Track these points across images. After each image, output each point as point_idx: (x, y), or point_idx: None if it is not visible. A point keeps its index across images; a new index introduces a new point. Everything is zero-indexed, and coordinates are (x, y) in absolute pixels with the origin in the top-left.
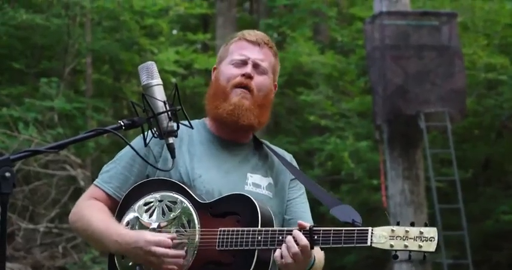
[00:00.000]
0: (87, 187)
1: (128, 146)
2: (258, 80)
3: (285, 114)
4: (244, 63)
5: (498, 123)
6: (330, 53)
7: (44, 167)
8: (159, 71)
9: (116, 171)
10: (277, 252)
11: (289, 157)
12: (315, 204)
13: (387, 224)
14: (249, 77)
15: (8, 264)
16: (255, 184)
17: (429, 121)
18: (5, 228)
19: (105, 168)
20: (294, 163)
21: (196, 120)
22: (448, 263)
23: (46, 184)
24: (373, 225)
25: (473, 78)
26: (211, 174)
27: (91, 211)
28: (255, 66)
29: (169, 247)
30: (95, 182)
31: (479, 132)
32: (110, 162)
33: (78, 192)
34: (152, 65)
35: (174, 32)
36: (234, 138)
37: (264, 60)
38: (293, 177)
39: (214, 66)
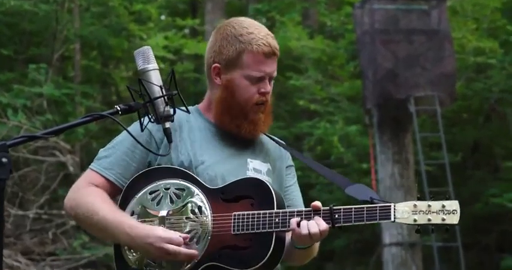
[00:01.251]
0: (77, 173)
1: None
2: (270, 90)
3: (274, 99)
4: (261, 79)
5: (487, 106)
6: (319, 38)
7: (34, 153)
8: None
9: (116, 157)
10: (294, 222)
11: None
12: (306, 189)
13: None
14: (267, 93)
15: None
16: (256, 169)
17: (419, 105)
18: (2, 214)
19: (102, 153)
20: (289, 156)
21: (191, 107)
22: (437, 246)
23: (35, 170)
24: None
25: (462, 62)
26: (213, 160)
27: (95, 199)
28: (270, 79)
29: (180, 245)
30: (92, 168)
31: (468, 116)
32: (108, 147)
33: (67, 179)
34: (148, 50)
35: (163, 17)
36: (232, 127)
37: (275, 70)
38: (288, 164)
39: (217, 64)
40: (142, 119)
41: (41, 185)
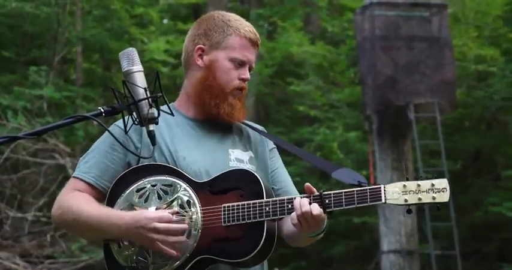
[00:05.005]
0: None
1: (104, 135)
2: (249, 78)
3: (274, 105)
4: (243, 64)
5: (488, 114)
6: (320, 44)
7: (33, 156)
8: (149, 60)
9: (94, 160)
10: (293, 214)
11: (261, 129)
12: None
13: (376, 212)
14: (247, 80)
15: None
16: (238, 159)
17: (418, 112)
18: None
19: (82, 160)
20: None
21: (165, 106)
22: (435, 254)
23: (34, 173)
24: (363, 215)
25: (463, 70)
26: (195, 154)
27: (78, 200)
28: (250, 68)
29: (170, 222)
30: (73, 175)
31: (469, 124)
32: (86, 153)
33: (66, 181)
34: (133, 52)
35: (165, 21)
36: (209, 118)
37: (254, 61)
38: (271, 147)
39: (201, 45)
40: (126, 120)
41: (40, 187)
